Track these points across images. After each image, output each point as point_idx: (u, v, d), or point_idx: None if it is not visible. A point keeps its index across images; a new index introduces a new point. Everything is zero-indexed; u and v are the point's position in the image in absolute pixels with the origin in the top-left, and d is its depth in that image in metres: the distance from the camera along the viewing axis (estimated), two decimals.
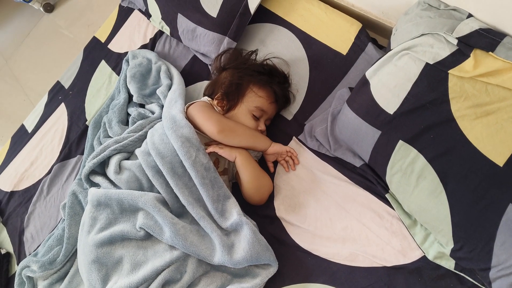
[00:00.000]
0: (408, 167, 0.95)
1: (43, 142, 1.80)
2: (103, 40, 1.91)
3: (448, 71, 0.91)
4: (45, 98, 1.95)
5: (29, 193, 1.68)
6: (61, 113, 1.83)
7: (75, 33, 2.56)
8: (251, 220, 1.14)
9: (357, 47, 1.27)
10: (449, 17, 0.98)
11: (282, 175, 1.23)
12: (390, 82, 0.99)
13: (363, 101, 1.06)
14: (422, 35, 0.96)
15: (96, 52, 1.90)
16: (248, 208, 1.19)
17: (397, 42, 1.04)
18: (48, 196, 1.62)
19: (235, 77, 1.25)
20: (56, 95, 1.91)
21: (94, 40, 1.95)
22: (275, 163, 1.26)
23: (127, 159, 1.28)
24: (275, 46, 1.40)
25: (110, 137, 1.49)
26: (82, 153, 1.61)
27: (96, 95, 1.77)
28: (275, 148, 1.21)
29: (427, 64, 0.94)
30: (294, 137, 1.26)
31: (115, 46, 1.85)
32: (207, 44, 1.46)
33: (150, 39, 1.75)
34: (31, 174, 1.73)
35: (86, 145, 1.58)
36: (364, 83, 1.07)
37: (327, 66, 1.29)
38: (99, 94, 1.77)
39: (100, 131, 1.54)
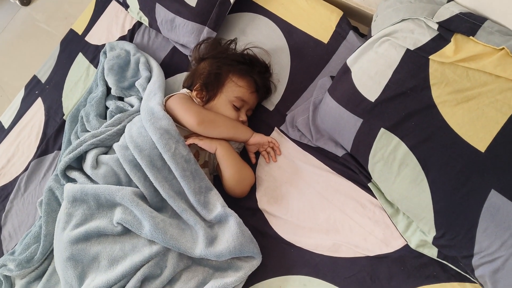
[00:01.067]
0: (390, 155, 0.94)
1: (19, 138, 1.75)
2: (80, 32, 1.86)
3: (429, 57, 0.90)
4: (21, 93, 1.90)
5: (6, 190, 1.63)
6: (38, 108, 1.78)
7: (53, 26, 2.50)
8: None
9: (339, 35, 1.25)
10: (429, 1, 0.97)
11: (264, 166, 1.21)
12: (371, 69, 0.98)
13: (344, 90, 1.04)
14: (402, 20, 0.94)
15: (73, 45, 1.85)
16: (229, 200, 1.16)
17: (377, 28, 1.03)
18: (25, 193, 1.58)
19: (214, 67, 1.22)
20: (33, 89, 1.86)
21: (71, 32, 1.89)
22: (257, 154, 1.24)
23: (105, 153, 1.25)
24: (256, 36, 1.37)
25: (88, 131, 1.45)
26: (60, 149, 1.57)
27: (73, 89, 1.72)
28: (256, 138, 1.18)
29: (407, 50, 0.92)
30: (276, 128, 1.24)
31: (93, 38, 1.81)
32: (186, 35, 1.43)
33: (129, 30, 1.70)
34: (8, 172, 1.68)
35: (63, 140, 1.54)
36: (345, 71, 1.05)
37: (309, 55, 1.27)
38: (76, 87, 1.72)
39: (78, 126, 1.49)
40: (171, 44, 1.57)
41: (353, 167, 1.07)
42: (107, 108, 1.49)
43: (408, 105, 0.91)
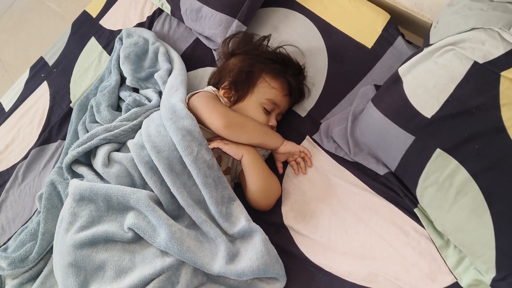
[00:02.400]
0: (446, 180, 0.83)
1: (21, 123, 1.63)
2: (94, 15, 1.74)
3: (501, 73, 0.79)
4: (26, 75, 1.79)
5: (2, 178, 1.52)
6: (42, 92, 1.67)
7: (63, 7, 2.36)
8: None
9: (385, 40, 1.14)
10: (505, 10, 0.86)
11: (292, 178, 1.10)
12: (428, 81, 0.87)
13: (393, 101, 0.93)
14: (473, 29, 0.83)
15: (86, 28, 1.74)
16: (251, 212, 1.05)
17: (438, 36, 0.92)
18: (23, 183, 1.46)
19: (246, 63, 1.11)
20: (39, 72, 1.75)
21: (85, 14, 1.78)
22: (285, 163, 1.12)
23: (118, 150, 1.14)
24: (290, 34, 1.26)
25: (97, 122, 1.34)
26: (64, 138, 1.46)
27: (83, 75, 1.61)
28: (287, 147, 1.07)
29: (475, 63, 0.81)
30: (307, 136, 1.13)
31: (108, 22, 1.69)
32: (213, 27, 1.32)
33: (148, 17, 1.59)
34: (5, 158, 1.57)
35: (69, 129, 1.42)
36: (395, 80, 0.94)
37: (349, 59, 1.16)
38: (86, 74, 1.61)
39: (86, 115, 1.39)
40: (193, 36, 1.46)
41: (397, 188, 0.96)
42: (120, 99, 1.38)
43: (472, 125, 0.80)
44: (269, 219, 1.06)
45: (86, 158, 1.16)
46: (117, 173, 1.05)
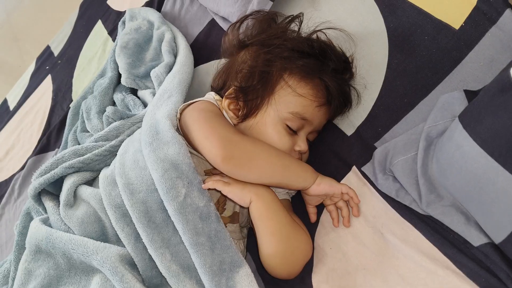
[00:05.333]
0: None
1: (22, 125, 1.44)
2: None
3: None
4: (32, 67, 1.57)
5: (1, 190, 1.33)
6: (46, 89, 1.45)
7: None
8: None
9: (482, 17, 0.71)
10: None
11: (329, 231, 0.74)
12: None
13: (501, 126, 0.54)
14: None
15: (93, 9, 1.49)
16: (267, 278, 0.73)
17: None
18: (19, 199, 1.28)
19: (260, 60, 0.75)
20: (44, 64, 1.54)
21: None
22: (320, 207, 0.76)
23: (90, 182, 0.85)
24: (334, 11, 0.88)
25: (87, 131, 1.07)
26: None
27: (86, 68, 1.36)
28: (322, 187, 0.70)
29: None
30: (354, 168, 0.76)
31: (115, 1, 1.40)
32: (228, 3, 1.00)
33: None
34: (5, 167, 1.39)
35: (64, 138, 1.18)
36: (505, 87, 0.55)
37: (423, 48, 0.75)
38: (90, 67, 1.36)
39: (78, 122, 1.13)
40: (209, 16, 1.13)
41: (503, 275, 0.57)
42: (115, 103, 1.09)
43: None
44: None
45: (56, 187, 0.88)
46: (81, 218, 0.77)
